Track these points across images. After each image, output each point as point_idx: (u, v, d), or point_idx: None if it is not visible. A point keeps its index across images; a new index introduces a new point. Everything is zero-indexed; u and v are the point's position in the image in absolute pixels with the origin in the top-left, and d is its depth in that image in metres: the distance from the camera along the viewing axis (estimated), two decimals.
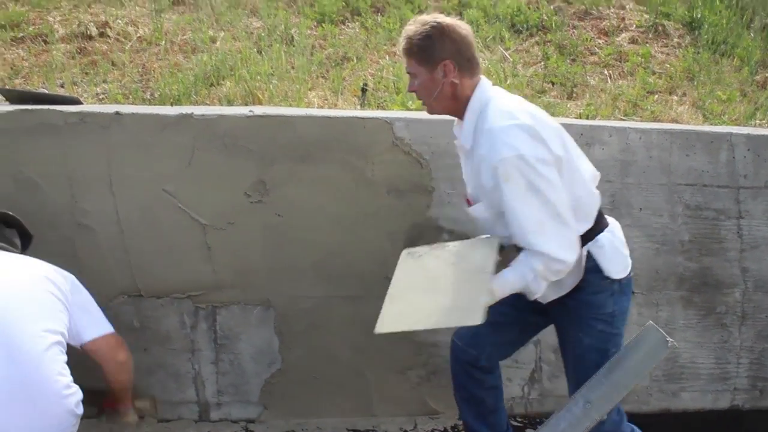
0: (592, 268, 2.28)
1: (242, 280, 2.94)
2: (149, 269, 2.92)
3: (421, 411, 3.18)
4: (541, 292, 2.19)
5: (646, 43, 5.49)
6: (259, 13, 5.39)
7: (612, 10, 6.03)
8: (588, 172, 2.33)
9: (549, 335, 3.06)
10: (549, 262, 2.09)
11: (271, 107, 3.26)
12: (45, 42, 4.84)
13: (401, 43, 2.22)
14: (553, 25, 5.48)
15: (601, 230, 2.31)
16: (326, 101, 3.70)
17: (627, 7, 6.11)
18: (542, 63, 4.84)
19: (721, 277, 3.30)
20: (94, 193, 2.83)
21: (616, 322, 2.35)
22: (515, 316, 2.51)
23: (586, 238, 2.26)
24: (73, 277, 2.45)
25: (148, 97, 3.73)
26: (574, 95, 4.37)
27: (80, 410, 2.28)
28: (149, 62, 4.38)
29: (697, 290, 3.30)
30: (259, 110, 2.89)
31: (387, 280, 2.89)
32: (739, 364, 3.43)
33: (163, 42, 4.69)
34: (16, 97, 3.04)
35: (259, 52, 4.35)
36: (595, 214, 2.31)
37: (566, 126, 2.90)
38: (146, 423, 2.97)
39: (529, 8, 5.71)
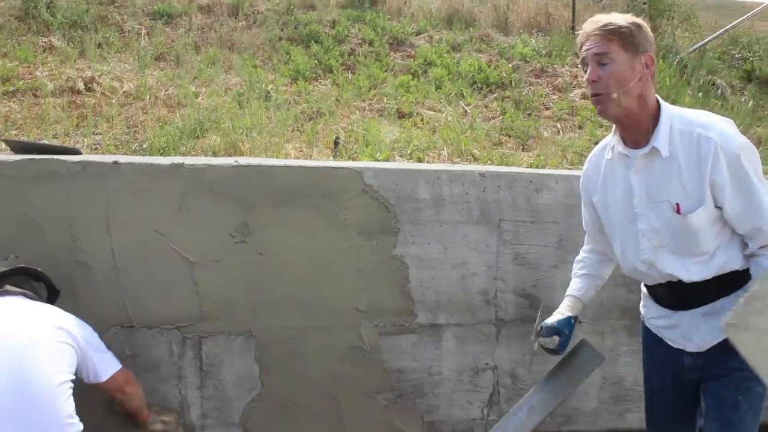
0: None
1: (226, 312, 3.21)
2: (141, 302, 3.18)
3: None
4: None
5: None
6: (236, 70, 5.78)
7: (566, 68, 6.52)
8: None
9: (505, 361, 3.42)
10: None
11: (253, 158, 3.58)
12: (35, 96, 5.15)
13: (596, 25, 2.07)
14: (512, 82, 5.93)
15: None
16: (302, 152, 4.04)
17: (579, 65, 6.61)
18: (500, 117, 5.26)
19: None
20: (92, 233, 3.11)
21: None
22: (684, 408, 2.36)
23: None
24: (87, 325, 2.76)
25: (137, 148, 4.04)
26: (528, 147, 4.77)
27: None
28: (136, 115, 4.71)
29: (638, 320, 3.63)
30: (243, 160, 3.21)
31: (357, 311, 3.24)
32: None
33: (148, 96, 5.03)
34: (22, 147, 3.33)
35: (240, 106, 4.71)
36: None
37: (518, 174, 3.31)
38: None
39: (489, 67, 6.15)
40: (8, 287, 2.74)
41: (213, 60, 5.85)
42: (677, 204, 2.05)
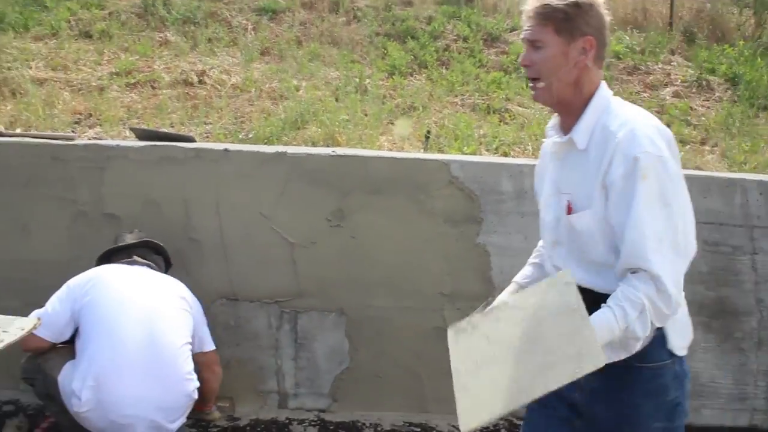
0: (656, 338, 1.79)
1: (321, 290, 3.50)
2: (245, 278, 3.52)
3: None
4: (644, 337, 1.71)
5: (689, 97, 5.94)
6: (335, 64, 6.07)
7: (659, 66, 6.50)
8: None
9: None
10: (660, 294, 1.67)
11: (349, 149, 3.85)
12: (153, 87, 5.60)
13: (533, 5, 1.84)
14: (603, 79, 5.96)
15: None
16: (395, 144, 4.29)
17: (674, 63, 6.57)
18: None
19: (737, 306, 3.62)
20: (204, 214, 3.46)
21: (679, 415, 1.88)
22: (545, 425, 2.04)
23: None
24: (197, 299, 3.14)
25: (244, 137, 4.39)
26: None
27: (195, 395, 2.94)
28: (242, 107, 5.07)
29: (715, 317, 3.66)
30: (340, 151, 3.50)
31: (441, 295, 3.45)
32: (757, 386, 3.70)
33: (254, 89, 5.39)
34: (145, 134, 3.72)
35: (337, 100, 5.00)
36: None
37: None
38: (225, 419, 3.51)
39: None
40: (136, 258, 3.13)
41: (314, 54, 6.16)
42: (569, 201, 1.86)
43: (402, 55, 6.18)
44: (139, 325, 2.83)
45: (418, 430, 3.53)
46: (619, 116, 1.79)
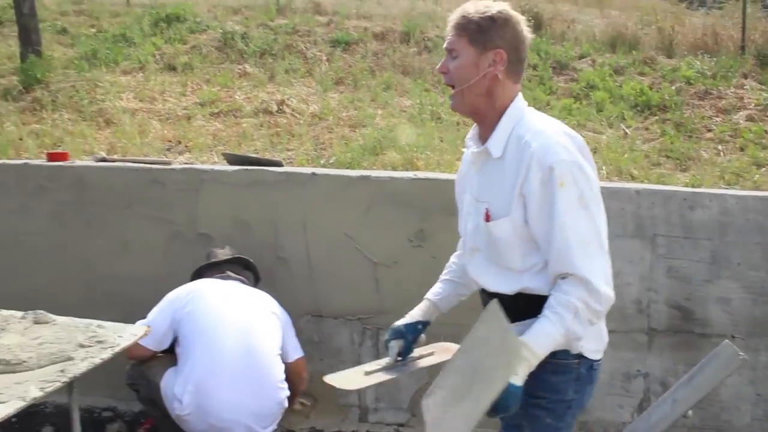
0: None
1: (402, 307, 3.56)
2: (329, 295, 3.69)
3: None
4: (579, 341, 1.86)
5: (764, 120, 5.92)
6: (408, 93, 6.28)
7: (732, 90, 6.49)
8: None
9: (657, 369, 3.59)
10: (591, 294, 1.77)
11: (429, 172, 4.02)
12: (235, 116, 5.90)
13: (454, 17, 1.94)
14: (674, 104, 6.02)
15: None
16: None
17: (746, 86, 6.56)
18: (660, 139, 5.40)
19: None
20: (292, 234, 3.66)
21: (569, 414, 1.99)
22: None
23: None
24: (285, 311, 3.34)
25: (325, 162, 4.60)
26: (686, 168, 4.90)
27: (286, 404, 3.12)
28: (321, 134, 5.32)
29: None
30: (421, 174, 3.66)
31: None
32: None
33: (331, 117, 5.64)
34: (235, 159, 3.96)
35: (413, 127, 5.20)
36: None
37: (672, 192, 3.48)
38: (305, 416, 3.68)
39: (651, 89, 6.28)
40: (228, 273, 3.35)
41: (388, 84, 6.39)
42: (487, 209, 1.93)
43: None
44: (235, 336, 3.04)
45: None
46: (532, 126, 1.87)
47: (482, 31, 1.89)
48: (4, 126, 5.71)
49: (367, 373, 2.24)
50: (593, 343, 1.95)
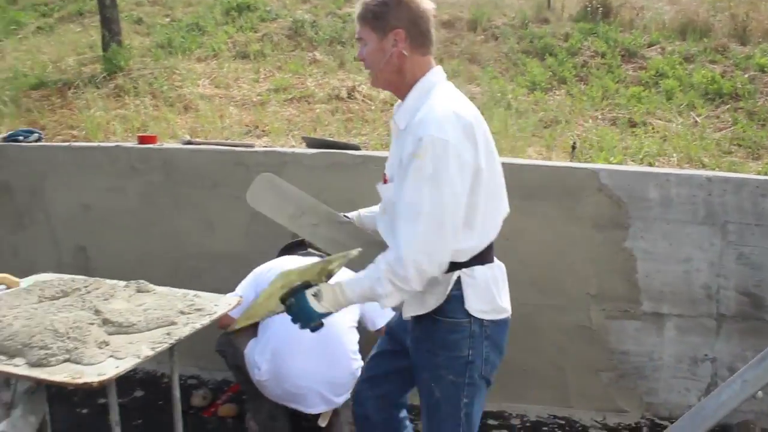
0: (454, 297, 2.06)
1: None
2: None
3: (610, 408, 3.73)
4: (390, 300, 2.00)
5: None
6: (476, 81, 6.37)
7: None
8: (503, 204, 2.24)
9: (725, 354, 3.64)
10: (398, 261, 1.92)
11: (505, 157, 4.10)
12: (308, 102, 6.08)
13: (356, 8, 2.12)
14: (747, 93, 5.96)
15: (482, 263, 2.12)
16: (541, 155, 4.53)
17: None
18: (731, 128, 5.38)
19: None
20: None
21: (470, 371, 2.10)
22: (387, 364, 2.45)
23: (463, 264, 2.07)
24: None
25: None
26: (759, 156, 4.88)
27: (358, 373, 3.27)
28: None
29: None
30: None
31: (587, 295, 3.64)
32: None
33: None
34: (315, 143, 4.13)
35: (482, 113, 5.29)
36: (484, 243, 2.13)
37: (744, 179, 3.52)
38: None
39: (723, 78, 6.23)
40: (310, 250, 3.54)
41: (456, 71, 6.49)
42: (384, 174, 2.16)
43: (541, 72, 6.40)
44: None
45: (563, 422, 3.72)
46: (430, 101, 1.99)
47: (378, 17, 2.04)
48: (92, 111, 6.01)
49: None
50: (478, 304, 2.09)
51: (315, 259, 2.28)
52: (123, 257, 4.25)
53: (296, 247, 3.60)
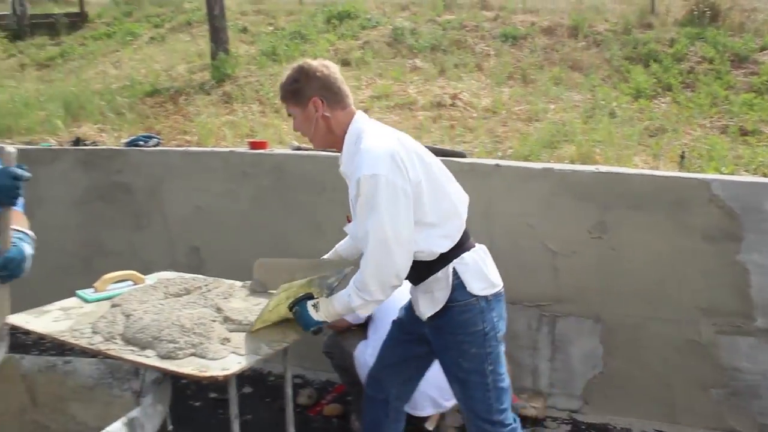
0: (457, 285, 2.42)
1: (579, 297, 3.75)
2: (509, 282, 3.78)
3: (720, 426, 3.62)
4: (364, 310, 2.42)
5: None
6: (578, 88, 6.30)
7: None
8: (455, 195, 2.53)
9: None
10: (360, 279, 2.34)
11: (610, 166, 4.07)
12: (410, 109, 6.16)
13: (279, 92, 2.51)
14: None
15: (467, 250, 2.49)
16: (648, 164, 4.44)
17: None
18: None
19: None
20: (476, 221, 3.82)
21: (488, 341, 2.46)
22: (405, 352, 2.75)
23: (452, 256, 2.44)
24: None
25: (502, 155, 4.76)
26: None
27: None
28: (495, 127, 5.46)
29: None
30: (603, 168, 3.75)
31: (697, 309, 3.56)
32: None
33: (504, 111, 5.77)
34: None
35: (585, 122, 5.24)
36: (459, 234, 2.48)
37: None
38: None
39: None
40: None
41: (558, 79, 6.43)
42: (347, 215, 2.57)
43: (645, 78, 6.27)
44: None
45: None
46: (361, 145, 2.34)
47: (295, 94, 2.43)
48: (202, 117, 6.27)
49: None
50: (478, 283, 2.46)
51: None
52: (234, 258, 4.42)
53: None
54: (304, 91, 2.41)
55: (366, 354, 3.31)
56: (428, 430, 3.35)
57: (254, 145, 4.58)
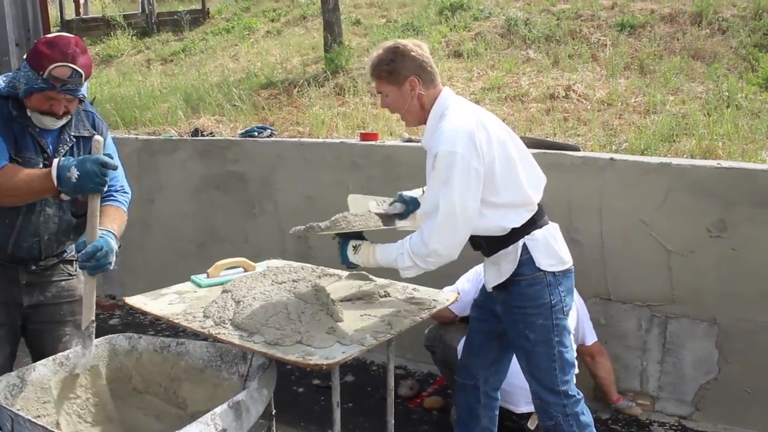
0: (526, 260, 2.54)
1: (694, 298, 3.59)
2: (620, 280, 3.74)
3: None
4: (408, 272, 2.52)
5: None
6: (700, 78, 6.01)
7: None
8: (530, 175, 2.61)
9: None
10: (420, 243, 2.43)
11: (734, 161, 3.87)
12: (522, 101, 6.05)
13: (367, 67, 2.59)
14: None
15: (539, 227, 2.58)
16: None
17: None
18: None
19: None
20: (586, 217, 3.76)
21: (555, 313, 2.57)
22: (485, 331, 2.86)
23: (523, 232, 2.55)
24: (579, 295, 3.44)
25: (617, 148, 4.60)
26: None
27: None
28: (610, 120, 5.28)
29: None
30: (725, 163, 3.56)
31: None
32: None
33: (619, 103, 5.58)
34: (534, 143, 4.11)
35: (708, 114, 4.99)
36: (530, 213, 2.57)
37: None
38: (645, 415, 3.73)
39: None
40: None
41: (678, 69, 6.16)
42: (423, 189, 2.68)
43: None
44: None
45: None
46: (443, 121, 2.45)
47: (390, 73, 2.50)
48: (315, 108, 6.40)
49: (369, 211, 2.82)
50: (547, 259, 2.57)
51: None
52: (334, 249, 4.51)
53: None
54: (400, 70, 2.49)
55: None
56: (530, 430, 3.30)
57: (365, 137, 4.64)
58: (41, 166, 2.46)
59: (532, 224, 2.58)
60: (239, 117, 6.56)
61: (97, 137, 2.25)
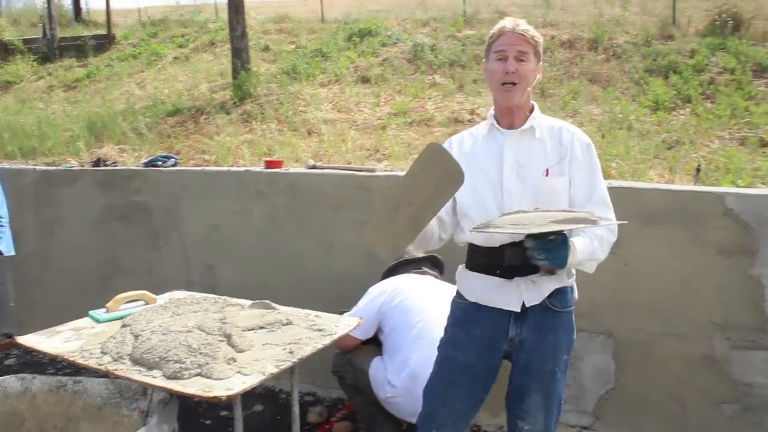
0: (570, 288, 2.59)
1: (591, 312, 3.72)
2: None
3: None
4: (597, 264, 2.51)
5: None
6: (597, 101, 6.28)
7: None
8: None
9: None
10: (610, 232, 2.52)
11: (622, 181, 4.05)
12: (428, 125, 6.18)
13: (521, 27, 2.38)
14: None
15: None
16: (663, 177, 4.41)
17: None
18: None
19: None
20: None
21: (573, 348, 2.59)
22: (477, 390, 2.59)
23: None
24: None
25: None
26: None
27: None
28: None
29: None
30: (615, 183, 3.73)
31: (711, 323, 3.52)
32: None
33: None
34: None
35: (603, 136, 5.21)
36: None
37: None
38: None
39: None
40: (424, 269, 3.63)
41: (576, 92, 6.42)
42: (547, 170, 2.43)
43: (665, 90, 6.23)
44: (441, 326, 3.27)
45: None
46: (553, 120, 2.55)
47: (538, 51, 2.46)
48: (221, 136, 6.36)
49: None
50: (576, 294, 2.61)
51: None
52: (248, 276, 4.49)
53: (403, 266, 3.69)
54: (540, 54, 2.49)
55: (387, 372, 3.30)
56: None
57: (270, 164, 4.64)
58: None
59: None
60: (144, 146, 6.46)
61: None
